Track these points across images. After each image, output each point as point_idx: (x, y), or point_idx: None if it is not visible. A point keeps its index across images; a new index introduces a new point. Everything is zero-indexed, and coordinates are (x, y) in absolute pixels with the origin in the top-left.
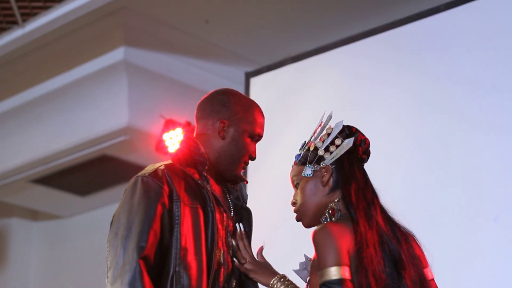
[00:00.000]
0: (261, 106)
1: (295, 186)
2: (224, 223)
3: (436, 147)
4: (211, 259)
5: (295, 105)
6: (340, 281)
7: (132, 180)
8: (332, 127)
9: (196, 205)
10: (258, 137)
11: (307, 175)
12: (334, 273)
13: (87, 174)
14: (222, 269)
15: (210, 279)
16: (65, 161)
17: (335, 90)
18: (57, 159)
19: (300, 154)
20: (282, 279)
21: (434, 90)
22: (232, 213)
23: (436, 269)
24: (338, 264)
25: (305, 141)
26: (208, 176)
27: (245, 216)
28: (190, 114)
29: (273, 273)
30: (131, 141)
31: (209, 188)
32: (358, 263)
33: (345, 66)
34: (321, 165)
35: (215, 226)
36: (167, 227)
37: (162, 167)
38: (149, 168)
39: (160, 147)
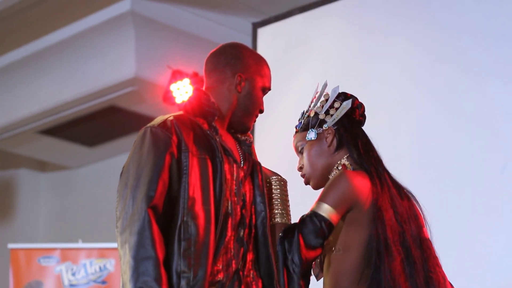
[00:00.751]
0: (268, 57)
1: (300, 152)
2: (234, 173)
3: (444, 97)
4: (219, 209)
5: (303, 56)
6: (324, 220)
7: (141, 131)
8: (328, 93)
9: (205, 156)
10: (268, 90)
11: (311, 138)
12: (324, 210)
13: (95, 125)
14: (230, 219)
15: (218, 229)
16: (72, 112)
17: (342, 40)
18: (64, 110)
19: (301, 122)
20: (282, 182)
21: (442, 40)
22: (242, 164)
23: (443, 218)
24: (334, 207)
25: (303, 111)
26: (218, 127)
27: (255, 168)
28: (197, 65)
29: (276, 174)
30: (138, 92)
31: (217, 139)
32: (374, 210)
33: (353, 16)
34: (324, 128)
35: (223, 176)
36: (176, 177)
37: (171, 118)
38: (158, 119)
39: (168, 97)
